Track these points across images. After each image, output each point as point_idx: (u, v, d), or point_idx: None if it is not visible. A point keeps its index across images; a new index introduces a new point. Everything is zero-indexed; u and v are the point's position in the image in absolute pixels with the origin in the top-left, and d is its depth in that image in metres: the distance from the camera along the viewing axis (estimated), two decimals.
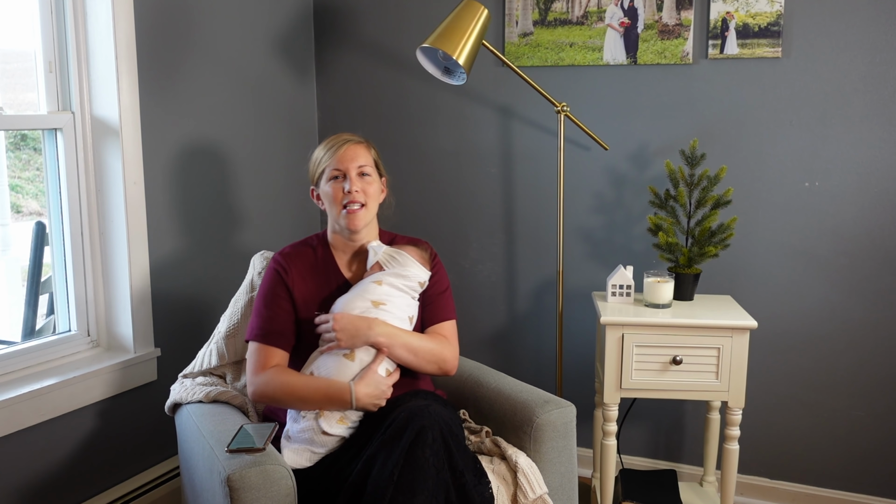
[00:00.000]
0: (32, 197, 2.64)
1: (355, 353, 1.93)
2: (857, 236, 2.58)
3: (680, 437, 2.88)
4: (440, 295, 2.13)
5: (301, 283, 2.06)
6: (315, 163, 2.11)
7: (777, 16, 2.56)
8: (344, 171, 2.04)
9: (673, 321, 2.33)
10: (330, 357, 1.95)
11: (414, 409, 1.78)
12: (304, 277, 2.07)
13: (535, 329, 3.01)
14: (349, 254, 2.13)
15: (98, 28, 2.35)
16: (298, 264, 2.08)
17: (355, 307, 1.97)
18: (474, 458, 1.89)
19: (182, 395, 2.15)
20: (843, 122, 2.55)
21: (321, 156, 2.09)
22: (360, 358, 1.93)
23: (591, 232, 2.89)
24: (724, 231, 2.47)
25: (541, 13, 2.82)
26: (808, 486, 2.74)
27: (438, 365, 2.04)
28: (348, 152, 2.05)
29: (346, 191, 2.03)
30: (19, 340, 2.48)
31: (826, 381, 2.67)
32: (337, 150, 2.06)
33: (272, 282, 2.06)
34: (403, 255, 2.06)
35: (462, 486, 1.74)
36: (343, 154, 2.05)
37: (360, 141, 2.10)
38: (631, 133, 2.79)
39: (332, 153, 2.06)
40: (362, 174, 2.06)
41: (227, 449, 1.77)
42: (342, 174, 2.04)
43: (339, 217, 2.06)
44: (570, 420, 2.05)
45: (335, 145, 2.07)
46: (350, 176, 2.03)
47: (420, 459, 1.69)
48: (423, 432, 1.72)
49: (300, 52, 3.12)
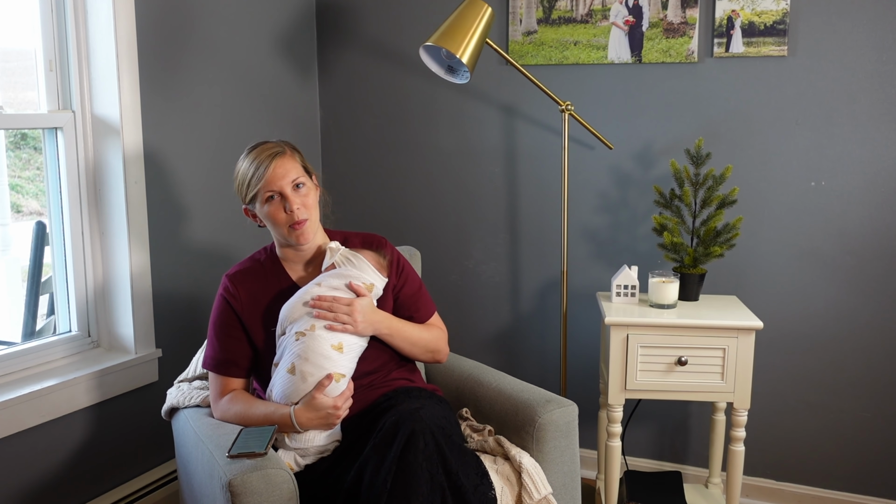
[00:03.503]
0: (33, 196, 2.63)
1: (295, 367, 1.88)
2: (864, 236, 2.56)
3: (685, 438, 2.86)
4: (417, 293, 2.14)
5: (251, 303, 2.01)
6: (243, 184, 1.98)
7: (783, 14, 2.54)
8: (278, 191, 1.94)
9: (678, 322, 2.31)
10: (278, 375, 1.91)
11: (404, 413, 1.75)
12: (255, 296, 2.02)
13: (539, 330, 2.99)
14: (301, 262, 2.08)
15: (99, 26, 2.33)
16: (248, 283, 2.03)
17: (295, 312, 1.94)
18: (476, 459, 1.86)
19: (179, 399, 2.14)
20: (849, 122, 2.54)
21: (248, 177, 1.96)
22: (301, 370, 1.87)
23: (595, 232, 2.87)
24: (729, 231, 2.45)
25: (545, 11, 2.81)
26: (815, 488, 2.72)
27: (433, 355, 2.14)
28: (277, 170, 1.94)
29: (288, 210, 1.94)
30: (19, 341, 2.48)
31: (833, 383, 2.65)
32: (266, 169, 1.93)
33: (221, 311, 2.02)
34: (360, 259, 2.01)
35: (458, 488, 1.71)
36: (273, 174, 1.93)
37: (283, 151, 1.98)
38: (636, 132, 2.77)
39: (261, 174, 1.93)
40: (296, 186, 1.97)
41: (227, 454, 1.75)
42: (277, 194, 1.95)
43: (287, 236, 1.99)
44: (573, 419, 2.03)
45: (262, 164, 1.94)
46: (286, 194, 1.94)
47: (412, 465, 1.66)
48: (413, 437, 1.69)
49: (302, 51, 3.11)
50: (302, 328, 1.91)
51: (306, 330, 1.90)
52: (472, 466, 1.82)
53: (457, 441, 1.84)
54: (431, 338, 2.11)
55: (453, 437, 1.82)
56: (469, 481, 1.76)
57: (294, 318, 1.94)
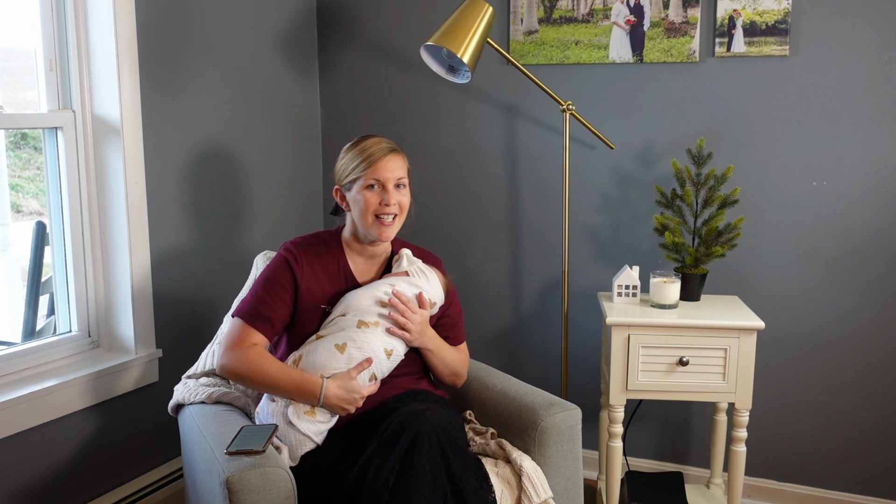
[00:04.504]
0: (33, 196, 2.62)
1: (346, 347, 1.92)
2: (866, 236, 2.56)
3: (686, 438, 2.86)
4: (458, 318, 2.21)
5: (310, 274, 2.03)
6: (347, 167, 2.01)
7: (784, 13, 2.53)
8: (382, 183, 1.98)
9: (679, 322, 2.30)
10: (322, 345, 1.94)
11: (410, 414, 1.75)
12: (314, 269, 2.04)
13: (541, 330, 2.99)
14: (364, 257, 2.11)
15: (99, 25, 2.33)
16: (310, 255, 2.05)
17: (364, 300, 1.98)
18: (477, 462, 1.86)
19: (185, 395, 2.13)
20: (851, 121, 2.53)
21: (356, 162, 1.99)
22: (350, 353, 1.91)
23: (596, 232, 2.86)
24: (731, 231, 2.45)
25: (546, 11, 2.80)
26: (817, 489, 2.71)
27: (454, 379, 2.17)
28: (389, 163, 1.98)
29: (384, 202, 1.98)
30: (19, 341, 2.47)
31: (834, 383, 2.65)
32: (378, 159, 1.97)
33: (278, 268, 2.02)
34: (432, 275, 2.09)
35: (460, 491, 1.71)
36: (384, 165, 1.97)
37: (398, 150, 2.03)
38: (637, 132, 2.77)
39: (371, 162, 1.97)
40: (398, 185, 2.01)
41: (226, 451, 1.76)
42: (380, 185, 1.98)
43: (369, 226, 2.00)
44: (576, 423, 2.02)
45: (375, 153, 1.98)
46: (388, 188, 1.98)
47: (416, 466, 1.66)
48: (419, 438, 1.69)
49: (303, 50, 3.11)
50: (367, 319, 1.95)
51: (370, 323, 1.95)
52: (472, 471, 1.81)
53: (460, 445, 1.83)
54: (460, 362, 2.16)
55: (457, 441, 1.82)
56: (470, 485, 1.76)
57: (359, 308, 1.97)
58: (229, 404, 2.09)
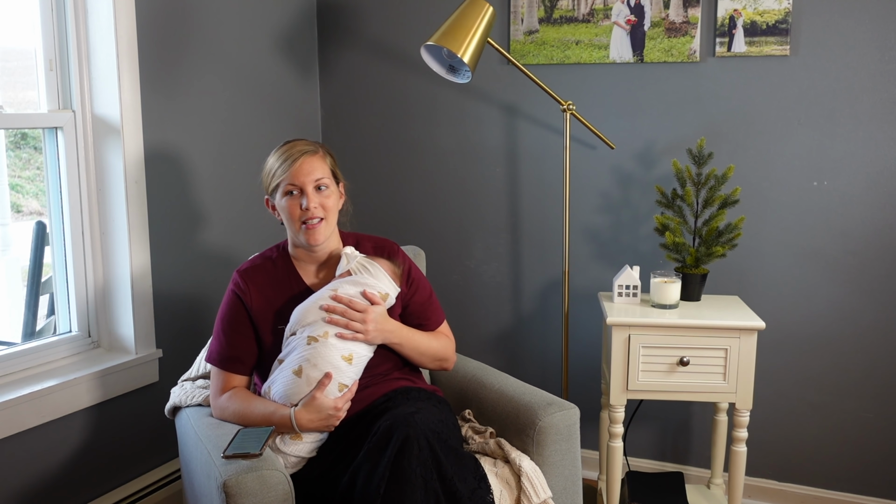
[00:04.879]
0: (33, 196, 2.62)
1: (302, 370, 1.87)
2: (867, 236, 2.55)
3: (687, 439, 2.86)
4: (428, 301, 2.13)
5: (260, 298, 2.00)
6: (268, 174, 1.99)
7: (785, 13, 2.53)
8: (300, 187, 1.94)
9: (680, 322, 2.30)
10: (282, 374, 1.90)
11: (398, 418, 1.73)
12: (264, 291, 2.01)
13: (541, 330, 2.99)
14: (314, 264, 2.08)
15: (99, 25, 2.33)
16: (258, 278, 2.03)
17: (309, 315, 1.93)
18: (475, 462, 1.85)
19: (181, 398, 2.14)
20: (852, 121, 2.53)
21: (275, 168, 1.97)
22: (308, 375, 1.87)
23: (597, 232, 2.86)
24: (731, 231, 2.45)
25: (546, 11, 2.80)
26: (817, 489, 2.71)
27: (439, 364, 2.13)
28: (304, 166, 1.94)
29: (304, 207, 1.94)
30: (19, 341, 2.47)
31: (835, 383, 2.65)
32: (292, 163, 1.94)
33: (231, 306, 2.01)
34: (376, 268, 2.01)
35: (453, 493, 1.70)
36: (298, 168, 1.94)
37: (315, 150, 1.99)
38: (637, 132, 2.76)
39: (287, 166, 1.94)
40: (319, 187, 1.97)
41: (223, 454, 1.75)
42: (298, 189, 1.95)
43: (298, 233, 1.99)
44: (574, 423, 2.01)
45: (290, 157, 1.95)
46: (307, 191, 1.94)
47: (406, 471, 1.65)
48: (408, 442, 1.67)
49: (303, 50, 3.10)
50: (315, 333, 1.90)
51: (319, 336, 1.89)
52: (469, 470, 1.80)
53: (453, 445, 1.82)
54: (440, 346, 2.10)
55: (449, 442, 1.81)
56: (465, 486, 1.74)
57: (307, 322, 1.92)
58: None
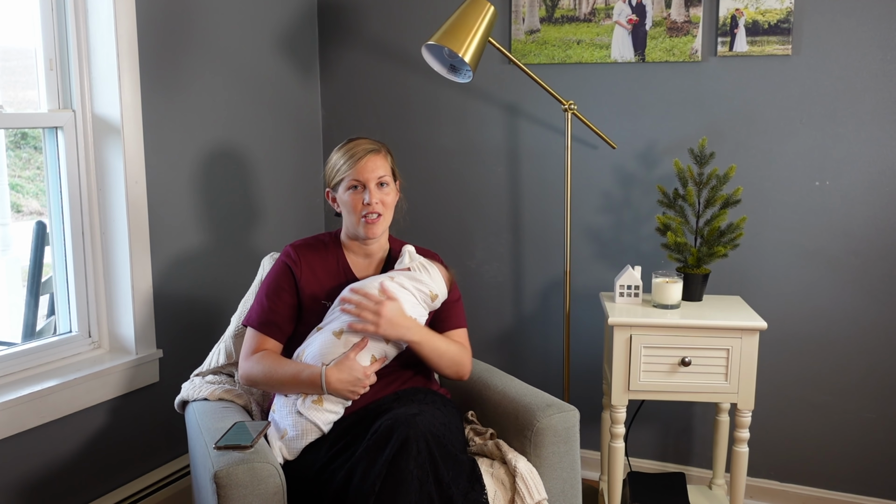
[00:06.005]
0: (33, 196, 2.62)
1: (343, 332, 1.93)
2: (869, 236, 2.55)
3: (689, 439, 2.85)
4: (454, 303, 2.17)
5: (309, 273, 2.08)
6: (333, 169, 2.09)
7: (787, 13, 2.52)
8: (363, 183, 2.04)
9: (682, 322, 2.30)
10: (320, 335, 1.97)
11: (400, 418, 1.75)
12: (314, 268, 2.09)
13: (542, 330, 2.98)
14: (362, 256, 2.16)
15: (99, 25, 2.32)
16: (309, 256, 2.11)
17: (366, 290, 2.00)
18: (472, 464, 1.85)
19: (190, 392, 2.17)
20: (854, 121, 2.52)
21: (340, 164, 2.07)
22: (347, 338, 1.93)
23: (598, 232, 2.86)
24: (733, 231, 2.44)
25: (548, 10, 2.79)
26: (819, 490, 2.71)
27: (456, 370, 2.10)
28: (368, 164, 2.04)
29: (366, 202, 2.03)
30: (20, 341, 2.46)
31: (837, 383, 2.64)
32: (357, 160, 2.04)
33: (279, 273, 2.09)
34: (434, 270, 2.10)
35: (448, 498, 1.71)
36: (363, 165, 2.03)
37: (378, 149, 2.08)
38: (639, 131, 2.76)
39: (352, 163, 2.04)
40: (381, 184, 2.06)
41: (215, 445, 1.76)
42: (361, 185, 2.04)
43: (357, 226, 2.07)
44: (573, 425, 2.00)
45: (355, 155, 2.05)
46: (370, 188, 2.04)
47: (403, 471, 1.66)
48: (407, 443, 1.68)
49: (304, 50, 3.10)
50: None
51: None
52: (464, 474, 1.80)
53: (452, 451, 1.81)
54: (457, 352, 2.09)
55: (448, 447, 1.80)
56: (459, 490, 1.75)
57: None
58: (231, 401, 2.12)
